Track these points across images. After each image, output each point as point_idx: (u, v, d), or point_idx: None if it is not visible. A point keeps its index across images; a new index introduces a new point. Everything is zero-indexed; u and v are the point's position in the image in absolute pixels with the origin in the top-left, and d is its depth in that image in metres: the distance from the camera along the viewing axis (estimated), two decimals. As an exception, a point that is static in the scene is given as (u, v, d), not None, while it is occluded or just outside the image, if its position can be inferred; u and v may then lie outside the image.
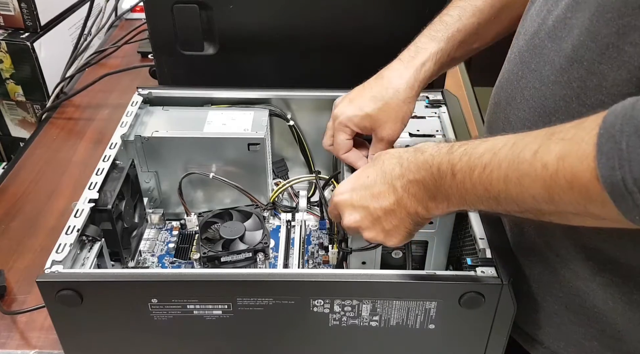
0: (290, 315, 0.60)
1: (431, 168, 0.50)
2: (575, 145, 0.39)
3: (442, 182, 0.50)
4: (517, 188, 0.44)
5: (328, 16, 0.85)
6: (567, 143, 0.40)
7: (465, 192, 0.48)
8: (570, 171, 0.40)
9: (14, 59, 1.19)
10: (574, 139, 0.40)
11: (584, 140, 0.39)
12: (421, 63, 0.63)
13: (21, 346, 0.72)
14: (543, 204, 0.43)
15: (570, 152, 0.40)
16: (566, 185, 0.40)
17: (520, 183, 0.43)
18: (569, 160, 0.40)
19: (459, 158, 0.48)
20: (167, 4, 0.83)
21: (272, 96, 0.84)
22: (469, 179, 0.47)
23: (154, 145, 0.78)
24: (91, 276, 0.59)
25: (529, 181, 0.42)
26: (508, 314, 0.58)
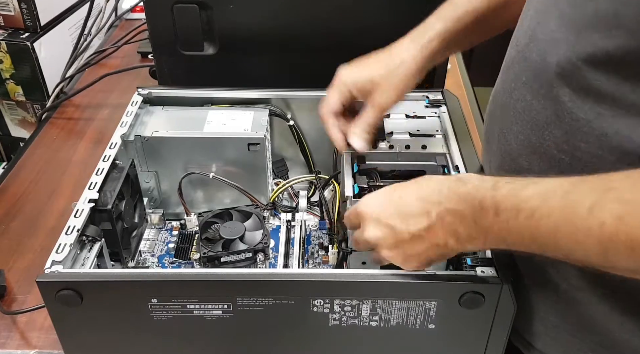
0: (290, 315, 0.60)
1: (473, 201, 0.48)
2: (636, 209, 0.39)
3: (482, 218, 0.48)
4: (568, 241, 0.43)
5: (328, 16, 0.85)
6: (627, 205, 0.40)
7: (508, 234, 0.47)
8: (631, 233, 0.39)
9: (14, 59, 1.19)
10: (634, 202, 0.39)
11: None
12: (427, 41, 0.64)
13: (21, 346, 0.72)
14: (595, 259, 0.42)
15: (631, 215, 0.39)
16: (624, 246, 0.40)
17: (571, 237, 0.42)
18: (629, 223, 0.39)
19: (504, 197, 0.47)
20: (167, 4, 0.83)
21: (272, 96, 0.84)
22: (514, 221, 0.46)
23: (154, 145, 0.78)
24: (91, 276, 0.59)
25: (582, 237, 0.42)
26: (508, 315, 0.58)
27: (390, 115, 0.81)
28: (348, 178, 0.70)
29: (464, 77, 1.27)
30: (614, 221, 0.40)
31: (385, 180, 0.72)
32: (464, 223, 0.49)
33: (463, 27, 0.65)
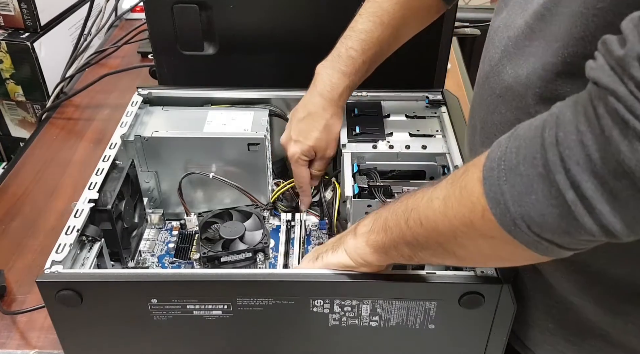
0: (290, 315, 0.60)
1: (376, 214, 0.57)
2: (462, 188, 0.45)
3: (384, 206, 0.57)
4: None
5: (328, 16, 0.85)
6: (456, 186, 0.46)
7: (393, 227, 0.53)
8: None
9: (14, 58, 1.19)
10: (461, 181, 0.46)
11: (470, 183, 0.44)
12: (339, 96, 0.75)
13: (21, 346, 0.72)
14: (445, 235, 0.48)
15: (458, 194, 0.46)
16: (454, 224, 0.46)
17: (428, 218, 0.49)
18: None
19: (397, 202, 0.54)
20: (167, 4, 0.83)
21: (272, 96, 0.84)
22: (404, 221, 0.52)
23: (154, 145, 0.78)
24: (91, 276, 0.59)
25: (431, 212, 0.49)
26: (508, 314, 0.58)
27: (391, 115, 0.81)
28: (348, 178, 0.70)
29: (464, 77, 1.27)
30: (462, 171, 0.46)
31: (385, 180, 0.72)
32: (364, 220, 0.58)
33: (364, 71, 0.74)
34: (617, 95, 0.33)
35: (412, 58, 0.77)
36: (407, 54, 0.75)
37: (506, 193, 0.40)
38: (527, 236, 0.40)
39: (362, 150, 0.75)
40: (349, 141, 0.76)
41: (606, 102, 0.34)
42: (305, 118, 0.76)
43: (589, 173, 0.35)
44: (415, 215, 0.50)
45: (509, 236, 0.41)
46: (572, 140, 0.36)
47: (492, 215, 0.41)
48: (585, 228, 0.37)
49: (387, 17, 0.71)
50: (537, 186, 0.38)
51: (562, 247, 0.40)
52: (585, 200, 0.36)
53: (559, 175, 0.37)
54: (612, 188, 0.35)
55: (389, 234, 0.53)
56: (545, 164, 0.37)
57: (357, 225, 0.58)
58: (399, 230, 0.52)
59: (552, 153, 0.37)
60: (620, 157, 0.34)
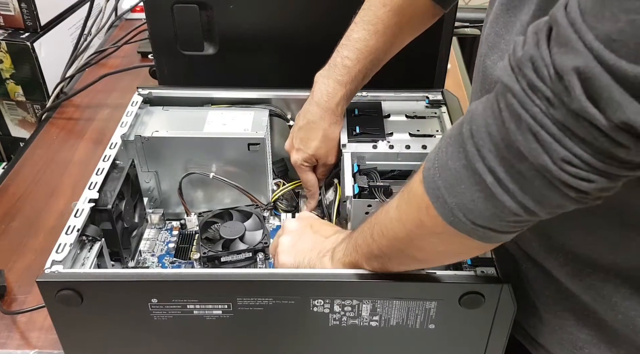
0: (290, 315, 0.60)
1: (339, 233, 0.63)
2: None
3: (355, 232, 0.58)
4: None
5: (328, 16, 0.85)
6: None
7: (360, 238, 0.56)
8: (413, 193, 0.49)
9: (14, 59, 1.19)
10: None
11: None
12: (336, 105, 0.76)
13: (21, 346, 0.72)
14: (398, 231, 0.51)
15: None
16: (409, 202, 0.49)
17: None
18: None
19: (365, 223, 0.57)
20: (167, 4, 0.83)
21: (272, 96, 0.84)
22: (368, 229, 0.55)
23: (154, 145, 0.78)
24: (91, 276, 0.59)
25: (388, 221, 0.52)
26: (508, 314, 0.58)
27: (391, 116, 0.81)
28: (348, 178, 0.70)
29: (464, 77, 1.27)
30: (412, 180, 0.50)
31: (385, 179, 0.72)
32: (342, 243, 0.61)
33: (360, 80, 0.75)
34: (513, 92, 0.38)
35: (412, 58, 0.77)
36: (407, 54, 0.75)
37: (441, 187, 0.44)
38: (465, 225, 0.44)
39: (363, 150, 0.75)
40: (349, 141, 0.76)
41: (505, 98, 0.39)
42: (304, 126, 0.77)
43: (499, 159, 0.40)
44: (377, 228, 0.53)
45: (451, 228, 0.45)
46: (482, 131, 0.41)
47: (434, 210, 0.45)
48: (506, 206, 0.41)
49: (382, 25, 0.72)
50: (463, 176, 0.43)
51: (497, 231, 0.44)
52: (500, 182, 0.40)
53: (478, 163, 0.41)
54: (518, 170, 0.39)
55: (359, 251, 0.57)
56: (466, 156, 0.42)
57: (334, 251, 0.61)
58: (366, 245, 0.55)
59: (470, 144, 0.42)
60: (517, 145, 0.38)
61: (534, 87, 0.37)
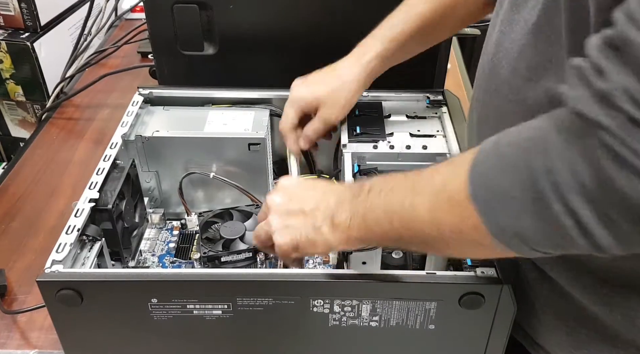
0: (290, 315, 0.60)
1: (355, 186, 0.54)
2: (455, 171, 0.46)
3: (356, 197, 0.53)
4: (407, 212, 0.48)
5: (328, 16, 0.85)
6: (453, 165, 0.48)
7: (369, 211, 0.51)
8: (453, 187, 0.45)
9: (14, 58, 1.19)
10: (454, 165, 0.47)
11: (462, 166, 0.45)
12: (367, 61, 0.71)
13: (21, 346, 0.72)
14: (427, 226, 0.47)
15: (454, 174, 0.45)
16: (448, 202, 0.45)
17: (410, 209, 0.48)
18: (453, 180, 0.45)
19: (378, 180, 0.53)
20: (167, 4, 0.83)
21: (273, 96, 0.84)
22: (376, 198, 0.51)
23: (155, 145, 0.78)
24: (91, 275, 0.59)
25: (418, 203, 0.48)
26: (508, 315, 0.58)
27: (391, 116, 0.81)
28: (348, 179, 0.70)
29: (464, 77, 1.27)
30: (442, 180, 0.46)
31: (385, 180, 0.72)
32: (340, 208, 0.54)
33: (400, 45, 0.71)
34: (608, 130, 0.34)
35: (412, 58, 0.77)
36: (407, 54, 0.75)
37: (498, 213, 0.41)
38: (520, 247, 0.42)
39: (363, 150, 0.75)
40: (349, 141, 0.76)
41: (598, 136, 0.35)
42: (324, 70, 0.73)
43: (585, 200, 0.37)
44: (398, 218, 0.50)
45: (500, 244, 0.43)
46: (565, 169, 0.37)
47: (483, 227, 0.43)
48: (578, 246, 0.39)
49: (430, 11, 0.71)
50: (529, 209, 0.40)
51: (550, 253, 0.43)
52: (581, 225, 0.38)
53: (554, 203, 0.38)
54: (608, 213, 0.36)
55: (371, 232, 0.53)
56: (538, 191, 0.39)
57: (332, 216, 0.54)
58: (381, 229, 0.51)
59: (544, 181, 0.38)
60: (616, 187, 0.35)
61: (635, 121, 0.34)
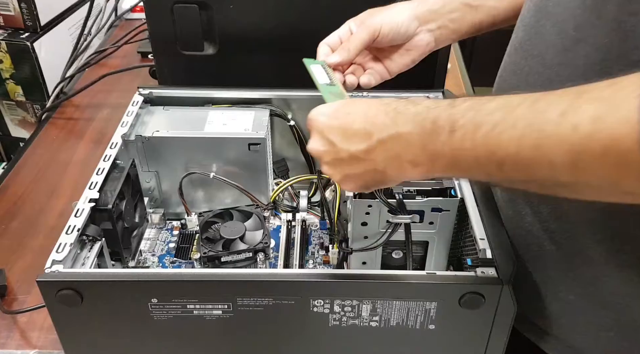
0: (290, 315, 0.60)
1: (424, 121, 0.45)
2: (614, 107, 0.35)
3: (433, 138, 0.45)
4: (533, 152, 0.39)
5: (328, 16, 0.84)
6: (604, 103, 0.36)
7: (462, 153, 0.43)
8: (608, 134, 0.35)
9: (14, 59, 1.19)
10: (611, 100, 0.36)
11: (625, 101, 0.35)
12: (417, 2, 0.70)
13: (21, 346, 0.72)
14: (561, 172, 0.39)
15: (608, 114, 0.35)
16: (599, 150, 0.36)
17: (538, 146, 0.39)
18: (607, 121, 0.35)
19: (462, 113, 0.43)
20: (167, 4, 0.83)
21: (273, 96, 0.84)
22: (470, 138, 0.42)
23: (155, 145, 0.78)
24: (91, 275, 0.59)
25: (551, 145, 0.38)
26: (508, 315, 0.58)
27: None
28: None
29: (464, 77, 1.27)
30: (589, 123, 0.36)
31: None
32: (409, 149, 0.46)
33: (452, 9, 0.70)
34: None
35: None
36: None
37: None
38: None
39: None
40: (349, 141, 0.76)
41: None
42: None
43: None
44: (512, 163, 0.41)
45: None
46: None
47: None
48: None
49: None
50: None
51: None
52: None
53: None
54: None
55: (462, 172, 0.46)
56: None
57: (398, 157, 0.47)
58: (481, 171, 0.44)
59: None
60: None
61: None
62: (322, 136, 0.52)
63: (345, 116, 0.51)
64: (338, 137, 0.51)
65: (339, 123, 0.51)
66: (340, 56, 0.68)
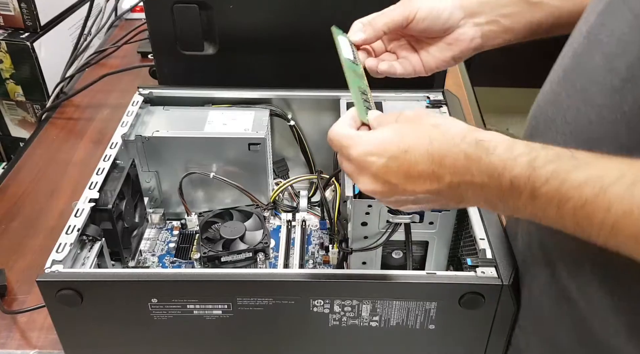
0: (290, 315, 0.60)
1: (500, 178, 0.43)
2: None
3: (512, 198, 0.42)
4: (630, 241, 0.37)
5: (328, 16, 0.85)
6: None
7: (544, 218, 0.42)
8: None
9: (14, 59, 1.19)
10: None
11: None
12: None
13: (21, 346, 0.72)
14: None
15: None
16: None
17: (637, 238, 0.37)
18: None
19: (544, 179, 0.41)
20: (167, 4, 0.83)
21: (273, 96, 0.84)
22: (555, 208, 0.40)
23: (155, 145, 0.78)
24: (91, 275, 0.59)
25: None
26: (508, 315, 0.58)
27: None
28: (348, 178, 0.70)
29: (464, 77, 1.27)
30: None
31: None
32: (486, 196, 0.44)
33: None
34: None
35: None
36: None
37: None
38: None
39: (363, 150, 0.75)
40: (349, 141, 0.76)
41: None
42: None
43: None
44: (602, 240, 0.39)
45: None
46: None
47: None
48: None
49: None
50: None
51: None
52: None
53: None
54: None
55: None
56: None
57: (461, 201, 0.45)
58: (588, 223, 0.39)
59: None
60: None
61: None
62: (377, 178, 0.48)
63: (403, 154, 0.46)
64: (400, 179, 0.47)
65: (399, 164, 0.47)
66: (365, 33, 0.61)
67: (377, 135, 0.49)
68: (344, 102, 0.80)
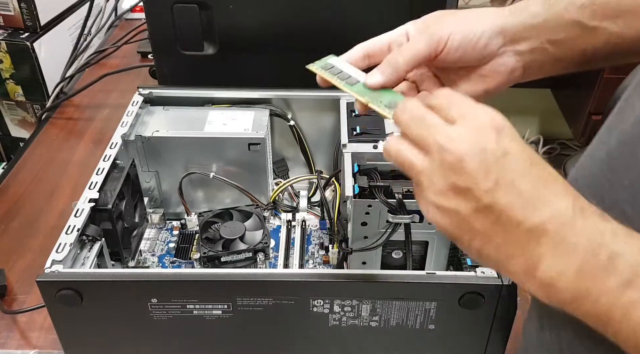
0: (290, 315, 0.60)
1: (600, 248, 0.36)
2: None
3: (597, 273, 0.35)
4: None
5: (328, 16, 0.85)
6: None
7: (618, 314, 0.35)
8: None
9: (14, 59, 1.19)
10: None
11: None
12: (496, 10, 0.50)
13: (21, 346, 0.72)
14: None
15: None
16: None
17: None
18: None
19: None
20: (167, 4, 0.83)
21: (273, 96, 0.84)
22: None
23: (155, 145, 0.78)
24: (91, 275, 0.59)
25: None
26: (508, 315, 0.58)
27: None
28: (348, 179, 0.70)
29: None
30: None
31: (385, 180, 0.72)
32: (550, 266, 0.37)
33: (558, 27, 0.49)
34: None
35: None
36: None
37: None
38: None
39: (363, 150, 0.75)
40: (349, 141, 0.76)
41: None
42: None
43: None
44: None
45: None
46: None
47: None
48: None
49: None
50: None
51: None
52: None
53: None
54: None
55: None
56: None
57: (534, 271, 0.37)
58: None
59: None
60: None
61: None
62: (442, 210, 0.41)
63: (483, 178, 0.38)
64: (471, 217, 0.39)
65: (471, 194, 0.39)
66: (385, 75, 0.49)
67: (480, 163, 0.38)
68: (344, 102, 0.80)
